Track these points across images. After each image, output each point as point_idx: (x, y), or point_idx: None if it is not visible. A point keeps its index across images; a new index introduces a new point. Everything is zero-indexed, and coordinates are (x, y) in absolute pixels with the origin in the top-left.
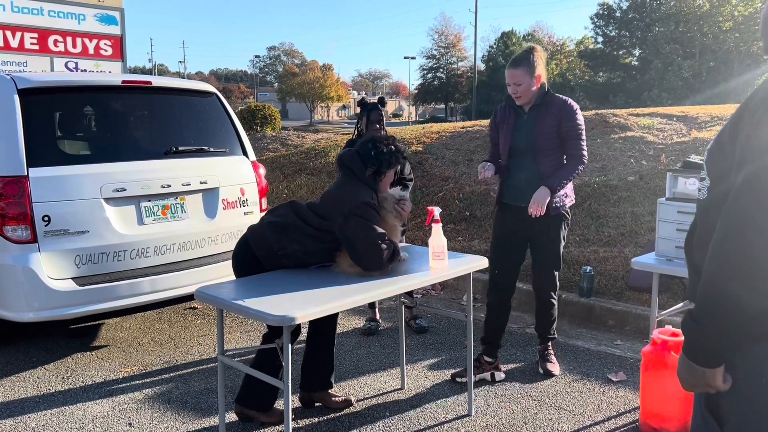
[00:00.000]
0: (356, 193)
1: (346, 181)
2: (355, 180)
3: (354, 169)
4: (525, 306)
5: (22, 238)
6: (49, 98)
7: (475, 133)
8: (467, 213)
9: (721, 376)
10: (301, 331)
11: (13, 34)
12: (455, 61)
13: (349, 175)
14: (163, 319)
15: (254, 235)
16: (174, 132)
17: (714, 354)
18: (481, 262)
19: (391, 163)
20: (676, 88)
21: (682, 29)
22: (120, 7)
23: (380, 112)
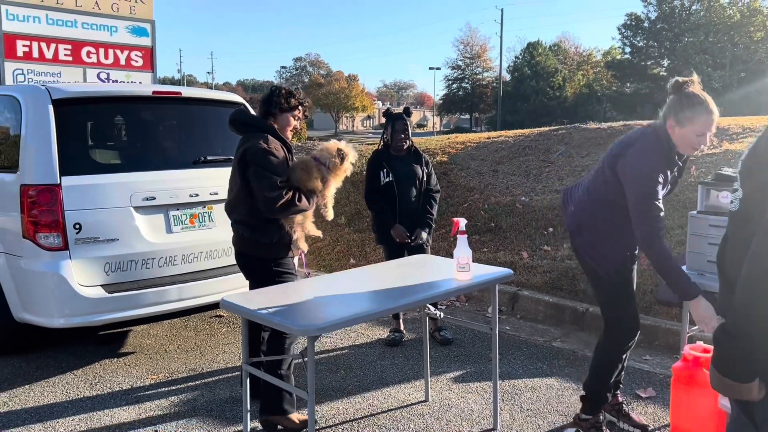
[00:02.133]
0: (249, 140)
1: (248, 137)
2: (250, 130)
3: (246, 121)
4: (551, 319)
5: (54, 245)
6: (81, 108)
7: (501, 144)
8: (492, 224)
9: (756, 389)
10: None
11: (48, 46)
12: (480, 72)
13: (244, 130)
14: (189, 327)
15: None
16: (202, 142)
17: (748, 370)
18: (507, 275)
19: (279, 104)
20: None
21: (712, 39)
22: (151, 19)
23: (405, 121)
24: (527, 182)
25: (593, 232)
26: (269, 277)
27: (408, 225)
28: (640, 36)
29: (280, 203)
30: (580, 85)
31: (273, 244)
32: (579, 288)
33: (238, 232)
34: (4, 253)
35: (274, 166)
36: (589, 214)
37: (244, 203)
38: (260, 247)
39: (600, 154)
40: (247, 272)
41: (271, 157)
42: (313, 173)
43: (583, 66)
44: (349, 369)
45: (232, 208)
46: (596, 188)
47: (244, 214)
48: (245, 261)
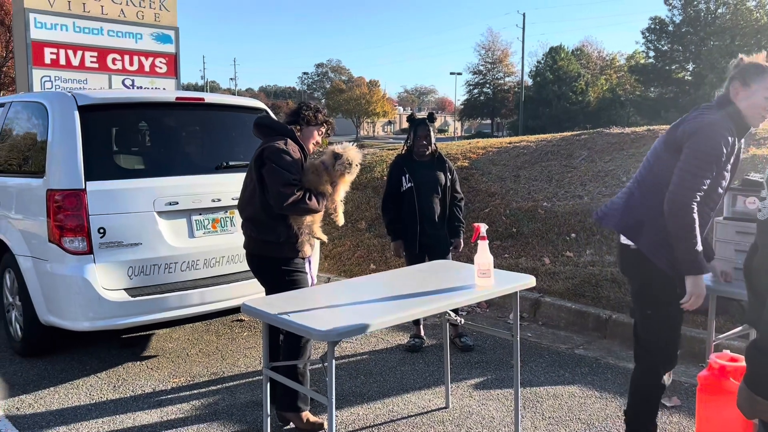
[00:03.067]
0: (269, 141)
1: (265, 140)
2: (272, 134)
3: (270, 125)
4: (574, 326)
5: (79, 249)
6: (106, 114)
7: (522, 149)
8: (514, 230)
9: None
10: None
11: (75, 53)
12: (502, 77)
13: (267, 133)
14: (211, 331)
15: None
16: (225, 147)
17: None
18: (528, 281)
19: (306, 118)
20: None
21: (738, 43)
22: (175, 27)
23: (427, 127)
24: (549, 187)
25: (658, 229)
26: (279, 277)
27: (429, 231)
28: (664, 40)
29: (291, 199)
30: (603, 89)
31: (280, 243)
32: (602, 295)
33: (248, 231)
34: (31, 257)
35: (289, 164)
36: (647, 208)
37: (255, 200)
38: (268, 246)
39: (623, 159)
40: (258, 273)
41: (286, 156)
42: (323, 177)
43: (606, 70)
44: (369, 374)
45: (245, 205)
46: (655, 175)
47: (255, 211)
48: (255, 262)
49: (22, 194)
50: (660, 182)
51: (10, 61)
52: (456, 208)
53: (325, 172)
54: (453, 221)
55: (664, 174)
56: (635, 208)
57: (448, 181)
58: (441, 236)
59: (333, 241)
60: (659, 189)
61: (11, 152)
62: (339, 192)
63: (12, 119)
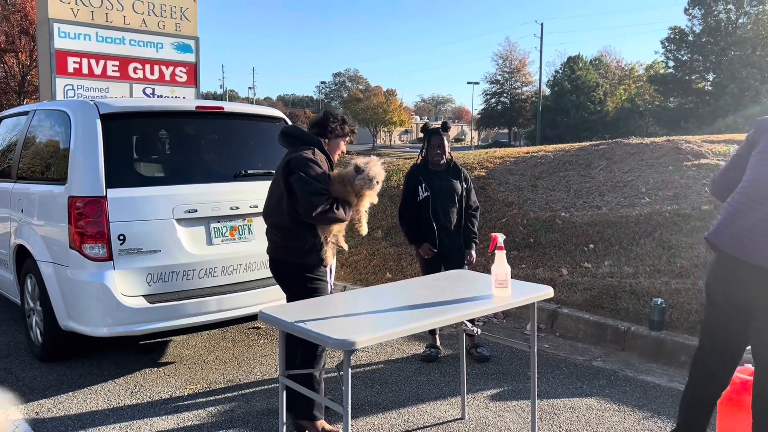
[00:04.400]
0: (297, 151)
1: (295, 149)
2: (299, 144)
3: (298, 135)
4: (591, 338)
5: (99, 255)
6: (127, 123)
7: (540, 159)
8: (531, 240)
9: None
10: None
11: (97, 62)
12: (519, 86)
13: (294, 143)
14: (228, 338)
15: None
16: (243, 155)
17: None
18: (546, 292)
19: (335, 130)
20: (753, 114)
21: (759, 53)
22: (195, 36)
23: (441, 136)
24: (567, 197)
25: None
26: (302, 283)
27: (445, 240)
28: (684, 50)
29: (320, 209)
30: (621, 99)
31: (305, 251)
32: (620, 306)
33: (273, 237)
34: (52, 263)
35: (318, 174)
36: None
37: (283, 208)
38: (293, 253)
39: (642, 170)
40: (280, 279)
41: (315, 166)
42: (348, 187)
43: (625, 80)
44: (384, 384)
45: (271, 212)
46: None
47: (282, 219)
48: (278, 267)
49: (44, 201)
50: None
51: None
52: (471, 218)
53: (350, 183)
54: (467, 232)
55: None
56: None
57: (464, 190)
58: (457, 245)
59: (349, 249)
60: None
61: (34, 159)
62: (364, 203)
63: (35, 127)
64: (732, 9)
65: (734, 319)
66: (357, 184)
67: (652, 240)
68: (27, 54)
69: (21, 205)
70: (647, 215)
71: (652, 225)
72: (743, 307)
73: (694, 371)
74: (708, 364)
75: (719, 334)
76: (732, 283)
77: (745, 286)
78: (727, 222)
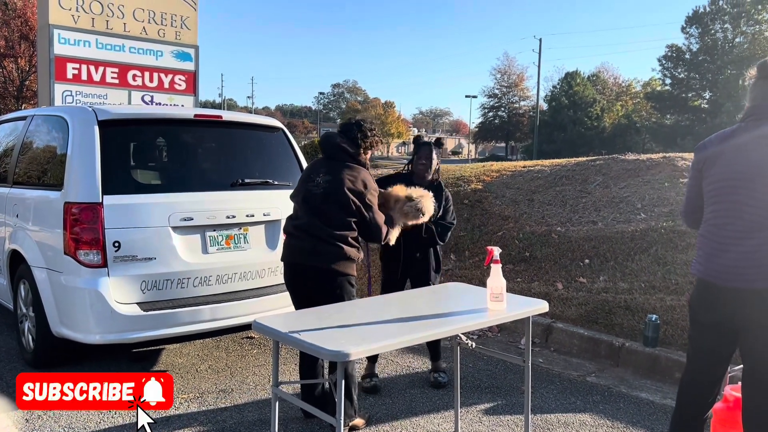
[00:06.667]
0: (350, 169)
1: (349, 166)
2: (349, 160)
3: (348, 151)
4: (586, 353)
5: (94, 262)
6: (125, 130)
7: (537, 173)
8: (527, 254)
9: None
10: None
11: (96, 69)
12: (517, 101)
13: (335, 155)
14: (221, 347)
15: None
16: (241, 164)
17: None
18: (541, 306)
19: (373, 146)
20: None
21: None
22: (195, 45)
23: (431, 149)
24: (563, 212)
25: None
26: (343, 291)
27: (414, 255)
28: (681, 68)
29: (384, 233)
30: (618, 115)
31: (353, 262)
32: (615, 322)
33: (329, 248)
34: (46, 268)
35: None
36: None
37: (349, 223)
38: (345, 263)
39: (638, 186)
40: (319, 287)
41: (377, 194)
42: (395, 207)
43: (622, 97)
44: (377, 396)
45: (338, 225)
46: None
47: (348, 231)
48: (323, 276)
49: (39, 206)
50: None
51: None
52: (440, 227)
53: (397, 205)
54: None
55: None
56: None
57: (441, 208)
58: (425, 261)
59: None
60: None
61: (31, 164)
62: (396, 229)
63: (33, 132)
64: (729, 28)
65: (719, 339)
66: (405, 209)
67: (648, 256)
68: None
69: (16, 210)
70: (643, 231)
71: (647, 241)
72: (728, 327)
73: (681, 391)
74: (694, 384)
75: (704, 354)
76: (716, 305)
77: (728, 308)
78: (708, 255)
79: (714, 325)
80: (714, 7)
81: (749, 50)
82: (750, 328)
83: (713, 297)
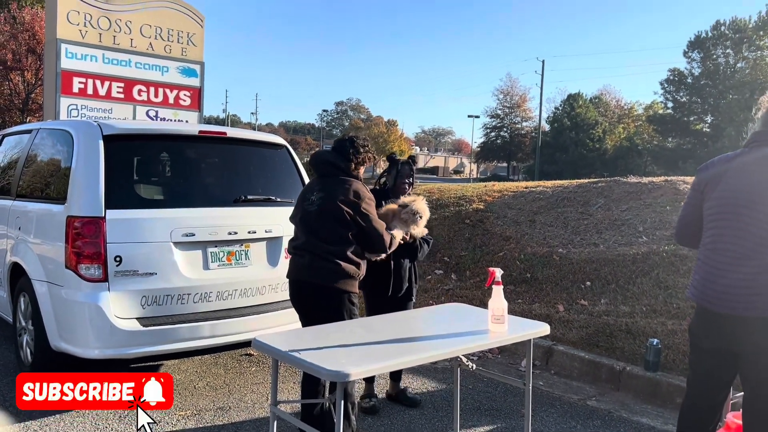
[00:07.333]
0: (344, 183)
1: (341, 180)
2: (341, 175)
3: (338, 165)
4: (586, 376)
5: (94, 276)
6: (130, 144)
7: (539, 194)
8: (528, 275)
9: None
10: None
11: (102, 83)
12: (519, 121)
13: (329, 172)
14: (219, 364)
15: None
16: (244, 181)
17: None
18: (542, 329)
19: (364, 161)
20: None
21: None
22: (201, 61)
23: (413, 168)
24: (565, 234)
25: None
26: (343, 309)
27: (400, 269)
28: (683, 91)
29: (388, 241)
30: (620, 137)
31: (354, 278)
32: (616, 345)
33: (324, 264)
34: (46, 282)
35: (375, 209)
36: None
37: (347, 238)
38: (344, 279)
39: (640, 209)
40: (318, 304)
41: (374, 203)
42: (395, 220)
43: (624, 119)
44: (376, 416)
45: (335, 240)
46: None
47: (346, 246)
48: (320, 292)
49: (42, 219)
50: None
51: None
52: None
53: (396, 216)
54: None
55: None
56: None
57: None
58: (410, 272)
59: None
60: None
61: (34, 178)
62: (399, 235)
63: (38, 145)
64: (730, 53)
65: (719, 364)
66: (403, 216)
67: (649, 279)
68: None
69: (19, 222)
70: (644, 254)
71: (649, 264)
72: (727, 352)
73: (682, 417)
74: (694, 410)
75: (704, 379)
76: (715, 331)
77: (727, 334)
78: (704, 280)
79: (714, 351)
80: (716, 32)
81: (751, 75)
82: (748, 355)
83: (712, 323)
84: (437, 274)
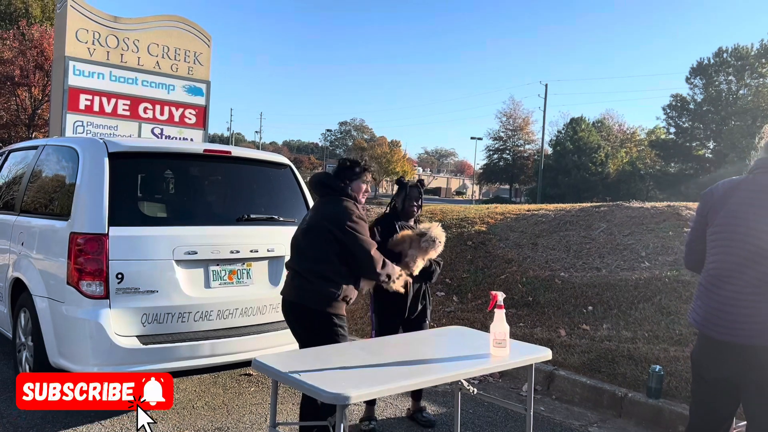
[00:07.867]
0: (333, 202)
1: (332, 199)
2: (333, 194)
3: (331, 185)
4: (588, 402)
5: (96, 293)
6: (135, 162)
7: (541, 217)
8: (530, 298)
9: None
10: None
11: (109, 101)
12: (522, 144)
13: (325, 192)
14: (218, 384)
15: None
16: (247, 200)
17: None
18: (545, 354)
19: (348, 175)
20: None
21: (759, 124)
22: (207, 80)
23: (420, 192)
24: (567, 257)
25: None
26: (328, 331)
27: (416, 294)
28: (685, 117)
29: (379, 260)
30: (623, 162)
31: (337, 300)
32: (618, 371)
33: (303, 284)
34: (47, 298)
35: (365, 228)
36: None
37: (330, 258)
38: (325, 301)
39: (642, 234)
40: (302, 325)
41: (362, 221)
42: (413, 247)
43: (627, 143)
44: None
45: (317, 259)
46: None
47: (328, 267)
48: (302, 313)
49: (45, 235)
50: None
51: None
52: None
53: (415, 244)
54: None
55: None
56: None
57: None
58: (425, 298)
59: None
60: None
61: (39, 193)
62: (418, 263)
63: (43, 162)
64: (733, 80)
65: (721, 393)
66: (423, 245)
67: (651, 305)
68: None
69: (22, 238)
70: (647, 280)
71: (651, 290)
72: (729, 382)
73: None
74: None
75: (707, 408)
76: (717, 360)
77: (729, 363)
78: (706, 306)
79: (716, 380)
80: (718, 59)
81: (753, 102)
82: (750, 384)
83: (715, 352)
84: (439, 296)
